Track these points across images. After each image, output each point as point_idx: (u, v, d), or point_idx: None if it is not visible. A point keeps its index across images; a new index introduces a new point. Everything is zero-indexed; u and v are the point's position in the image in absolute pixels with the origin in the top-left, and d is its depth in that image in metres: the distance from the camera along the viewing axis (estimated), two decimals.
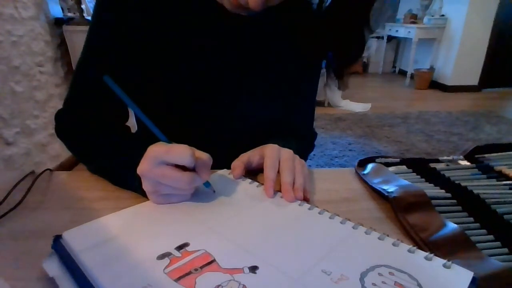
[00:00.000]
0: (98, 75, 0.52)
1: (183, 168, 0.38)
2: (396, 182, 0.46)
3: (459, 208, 0.42)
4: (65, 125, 0.56)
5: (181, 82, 0.53)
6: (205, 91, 0.54)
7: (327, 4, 0.50)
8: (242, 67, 0.55)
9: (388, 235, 0.34)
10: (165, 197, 0.40)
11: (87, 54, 0.52)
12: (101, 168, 0.49)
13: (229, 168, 0.48)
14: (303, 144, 0.65)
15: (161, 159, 0.37)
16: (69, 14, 2.20)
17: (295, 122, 0.64)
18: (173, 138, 0.60)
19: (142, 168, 0.38)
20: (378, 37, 5.34)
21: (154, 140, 0.40)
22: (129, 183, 0.44)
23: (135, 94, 0.59)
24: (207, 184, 0.42)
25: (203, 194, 0.42)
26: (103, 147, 0.50)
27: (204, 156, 0.39)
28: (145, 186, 0.39)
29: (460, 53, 4.15)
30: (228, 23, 0.51)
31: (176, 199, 0.40)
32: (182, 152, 0.37)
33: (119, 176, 0.46)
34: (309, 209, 0.39)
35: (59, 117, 0.56)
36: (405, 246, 0.32)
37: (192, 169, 0.39)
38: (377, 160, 0.55)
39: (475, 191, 0.44)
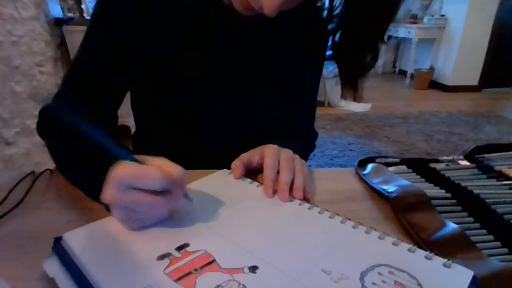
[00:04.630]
0: (92, 75, 0.50)
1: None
2: (396, 182, 0.46)
3: (459, 208, 0.42)
4: (48, 122, 0.51)
5: (184, 81, 0.53)
6: (208, 91, 0.54)
7: (338, 12, 0.50)
8: (245, 68, 0.55)
9: (388, 235, 0.34)
10: (140, 221, 0.35)
11: (83, 52, 0.51)
12: (72, 178, 0.45)
13: (229, 168, 0.48)
14: (303, 144, 0.65)
15: (129, 184, 0.32)
16: (69, 14, 2.20)
17: (296, 122, 0.64)
18: (175, 138, 0.60)
19: (109, 195, 0.32)
20: None
21: (153, 142, 0.39)
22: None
23: (137, 94, 0.60)
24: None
25: (204, 194, 0.42)
26: (76, 156, 0.44)
27: (176, 172, 0.34)
28: (117, 214, 0.34)
29: (460, 53, 4.14)
30: (233, 24, 0.51)
31: (152, 221, 0.36)
32: (152, 177, 0.32)
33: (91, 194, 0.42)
34: (309, 209, 0.39)
35: (44, 112, 0.52)
36: (405, 245, 0.32)
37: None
38: (377, 160, 0.55)
39: (475, 191, 0.44)
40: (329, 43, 0.58)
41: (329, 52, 0.59)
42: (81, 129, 0.33)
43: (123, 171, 0.32)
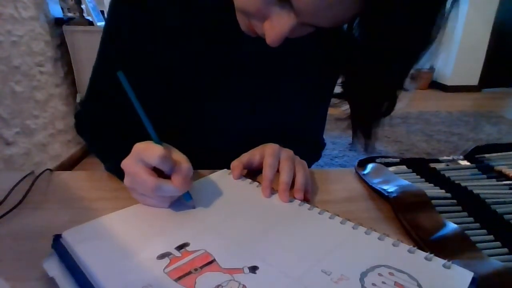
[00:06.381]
0: (114, 78, 0.52)
1: (162, 174, 0.37)
2: (396, 182, 0.46)
3: (459, 208, 0.42)
4: (84, 125, 0.58)
5: (185, 85, 0.53)
6: (208, 94, 0.54)
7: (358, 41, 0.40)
8: (248, 72, 0.54)
9: (388, 235, 0.34)
10: (141, 197, 0.39)
11: (102, 57, 0.53)
12: (109, 167, 0.51)
13: (229, 168, 0.48)
14: (305, 148, 0.64)
15: (139, 156, 0.37)
16: (69, 14, 2.20)
17: (300, 128, 0.63)
18: (175, 140, 0.60)
19: (124, 162, 0.38)
20: None
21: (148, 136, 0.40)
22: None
23: (144, 94, 0.59)
24: (187, 197, 0.39)
25: (204, 194, 0.42)
26: (111, 148, 0.52)
27: (183, 164, 0.37)
28: (125, 180, 0.39)
29: (460, 53, 4.14)
30: (237, 30, 0.51)
31: (150, 203, 0.39)
32: (153, 151, 0.36)
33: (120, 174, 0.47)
34: (309, 209, 0.39)
35: (79, 117, 0.59)
36: (405, 246, 0.32)
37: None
38: (377, 160, 0.55)
39: (475, 191, 0.44)
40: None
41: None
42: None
43: (140, 145, 0.38)
